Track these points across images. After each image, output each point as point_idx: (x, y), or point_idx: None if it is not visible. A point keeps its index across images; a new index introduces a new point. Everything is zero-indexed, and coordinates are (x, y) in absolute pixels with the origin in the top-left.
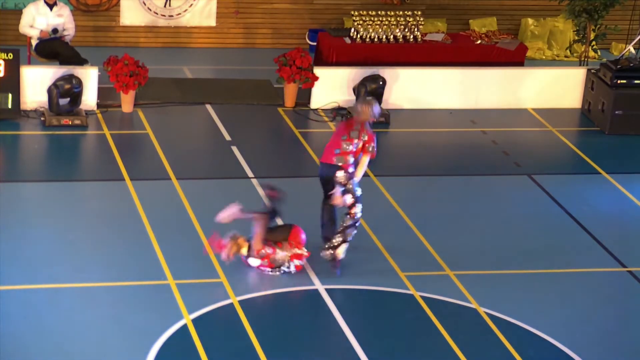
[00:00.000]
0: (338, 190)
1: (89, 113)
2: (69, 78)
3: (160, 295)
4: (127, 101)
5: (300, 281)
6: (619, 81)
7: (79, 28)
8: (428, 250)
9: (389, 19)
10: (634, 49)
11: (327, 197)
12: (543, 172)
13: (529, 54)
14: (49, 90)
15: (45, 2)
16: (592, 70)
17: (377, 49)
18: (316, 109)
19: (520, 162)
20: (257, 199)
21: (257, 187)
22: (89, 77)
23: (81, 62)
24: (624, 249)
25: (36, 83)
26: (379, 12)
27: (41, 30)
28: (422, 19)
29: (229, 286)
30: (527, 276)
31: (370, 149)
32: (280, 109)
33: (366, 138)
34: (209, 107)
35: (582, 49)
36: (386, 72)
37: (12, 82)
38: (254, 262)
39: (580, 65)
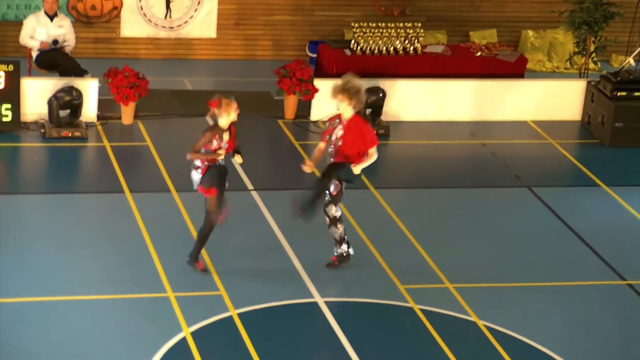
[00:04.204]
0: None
1: (89, 125)
2: (69, 90)
3: (159, 308)
4: (127, 113)
5: (299, 294)
6: (619, 93)
7: (80, 39)
8: (427, 263)
9: (389, 31)
10: (634, 61)
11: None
12: (543, 184)
13: (529, 65)
14: (49, 102)
15: (46, 13)
16: (592, 83)
17: (377, 60)
18: (316, 121)
19: (520, 174)
20: (257, 211)
21: (256, 200)
22: (89, 88)
23: (81, 73)
24: (623, 261)
25: (36, 95)
26: (379, 24)
27: (41, 42)
28: (422, 31)
29: (228, 299)
30: (526, 289)
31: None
32: (280, 121)
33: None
34: (209, 119)
35: (582, 61)
36: (386, 84)
37: (12, 94)
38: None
39: (580, 77)
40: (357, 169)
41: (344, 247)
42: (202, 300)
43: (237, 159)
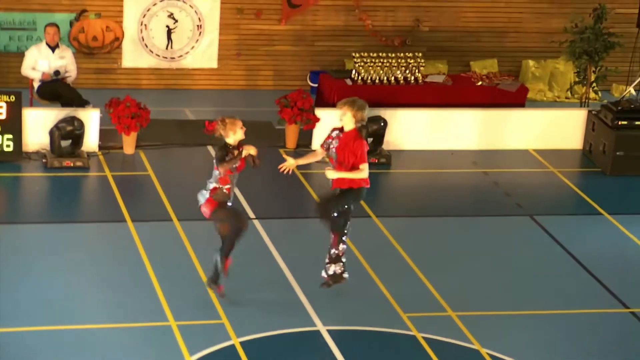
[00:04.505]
0: None
1: (90, 155)
2: (71, 120)
3: (161, 337)
4: (128, 143)
5: (301, 322)
6: (619, 122)
7: (81, 70)
8: (430, 291)
9: (390, 61)
10: (635, 90)
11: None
12: (545, 213)
13: (530, 95)
14: (51, 132)
15: (48, 44)
16: (593, 112)
17: (378, 90)
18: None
19: (521, 203)
20: (258, 239)
21: (258, 228)
22: (91, 119)
23: (83, 103)
24: (626, 289)
25: (38, 125)
26: (380, 54)
27: (43, 72)
28: (423, 61)
29: (230, 327)
30: (529, 317)
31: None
32: (281, 151)
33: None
34: (210, 148)
35: (583, 91)
36: (387, 114)
37: (14, 124)
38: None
39: (581, 106)
40: (330, 174)
41: (339, 267)
42: (204, 328)
43: (250, 150)
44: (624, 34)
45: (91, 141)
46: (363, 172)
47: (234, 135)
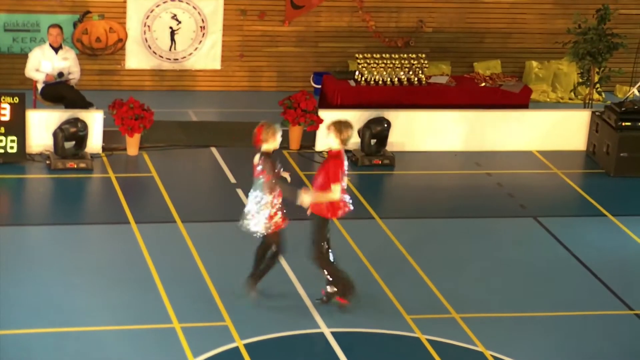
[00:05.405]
0: None
1: (94, 156)
2: (75, 121)
3: (165, 339)
4: (132, 144)
5: (306, 324)
6: (623, 123)
7: (85, 71)
8: (434, 293)
9: (394, 62)
10: (638, 91)
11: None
12: (548, 214)
13: (533, 96)
14: (55, 134)
15: (51, 45)
16: (597, 113)
17: (381, 91)
18: (321, 152)
19: (525, 204)
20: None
21: None
22: (94, 120)
23: (86, 105)
24: (630, 291)
25: (41, 126)
26: (384, 55)
27: (47, 74)
28: (426, 62)
29: (234, 329)
30: (533, 319)
31: None
32: (285, 152)
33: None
34: (214, 150)
35: (587, 92)
36: (391, 115)
37: (17, 126)
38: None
39: (584, 107)
40: (301, 197)
41: (330, 288)
42: (208, 331)
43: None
44: (627, 34)
45: (95, 143)
46: (333, 193)
47: (274, 142)
